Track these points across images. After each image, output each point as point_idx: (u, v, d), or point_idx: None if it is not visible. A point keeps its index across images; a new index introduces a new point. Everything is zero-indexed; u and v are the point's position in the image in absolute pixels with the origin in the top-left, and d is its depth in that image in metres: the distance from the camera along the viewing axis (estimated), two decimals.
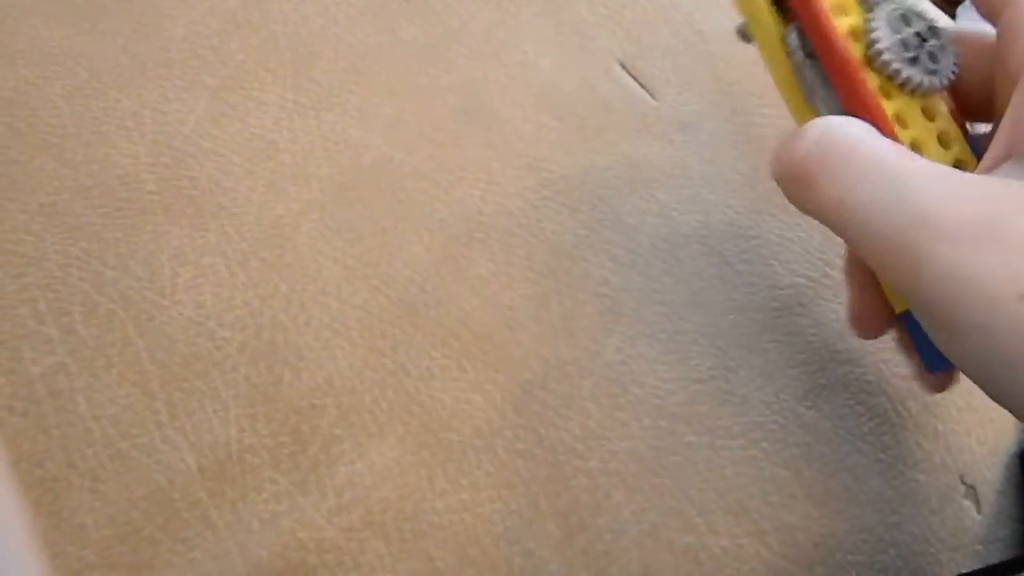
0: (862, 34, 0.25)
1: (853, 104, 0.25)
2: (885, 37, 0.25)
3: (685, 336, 0.32)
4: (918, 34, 0.25)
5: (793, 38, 0.26)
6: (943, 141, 0.25)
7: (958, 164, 0.25)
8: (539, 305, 0.31)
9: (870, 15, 0.26)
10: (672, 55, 0.38)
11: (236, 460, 0.27)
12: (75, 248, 0.30)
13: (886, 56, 0.25)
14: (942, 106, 0.26)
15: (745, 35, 0.29)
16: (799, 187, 0.22)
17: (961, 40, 0.26)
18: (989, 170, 0.22)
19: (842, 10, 0.26)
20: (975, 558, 0.30)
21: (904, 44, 0.25)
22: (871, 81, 0.25)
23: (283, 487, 0.27)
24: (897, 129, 0.25)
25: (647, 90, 0.37)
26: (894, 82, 0.25)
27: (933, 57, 0.26)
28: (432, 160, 0.33)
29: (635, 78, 0.37)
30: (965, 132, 0.26)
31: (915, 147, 0.25)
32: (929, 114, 0.26)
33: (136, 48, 0.34)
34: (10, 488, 0.18)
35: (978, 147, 0.26)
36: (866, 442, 0.31)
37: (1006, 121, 0.22)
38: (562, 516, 0.28)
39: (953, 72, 0.26)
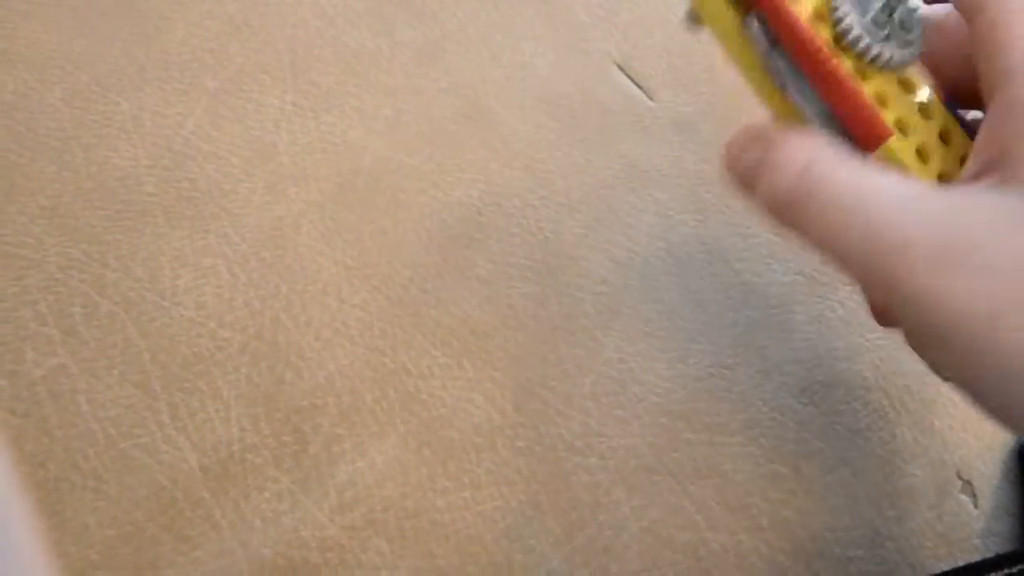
0: (826, 16, 0.24)
1: (830, 90, 0.24)
2: (853, 17, 0.24)
3: (683, 334, 0.32)
4: (885, 6, 0.24)
5: (755, 28, 0.25)
6: (924, 113, 0.25)
7: (944, 133, 0.25)
8: (538, 304, 0.31)
9: None
10: (668, 56, 0.38)
11: (238, 459, 0.27)
12: (76, 250, 0.30)
13: (857, 37, 0.24)
14: (916, 74, 0.25)
15: (694, 21, 0.27)
16: (779, 214, 0.23)
17: (935, 28, 0.26)
18: (970, 180, 0.22)
19: None
20: (973, 552, 0.30)
21: (875, 22, 0.24)
22: (844, 64, 0.24)
23: (285, 486, 0.27)
24: (880, 110, 0.24)
25: (644, 91, 0.37)
26: (867, 61, 0.24)
27: (905, 27, 0.24)
28: (431, 161, 0.34)
29: (632, 79, 0.37)
30: (941, 96, 0.26)
31: (900, 126, 0.24)
32: (907, 87, 0.25)
33: (135, 51, 0.34)
34: (16, 490, 0.18)
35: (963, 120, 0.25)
36: (863, 438, 0.31)
37: (981, 136, 0.22)
38: (562, 513, 0.28)
39: (921, 37, 0.25)
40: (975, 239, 0.19)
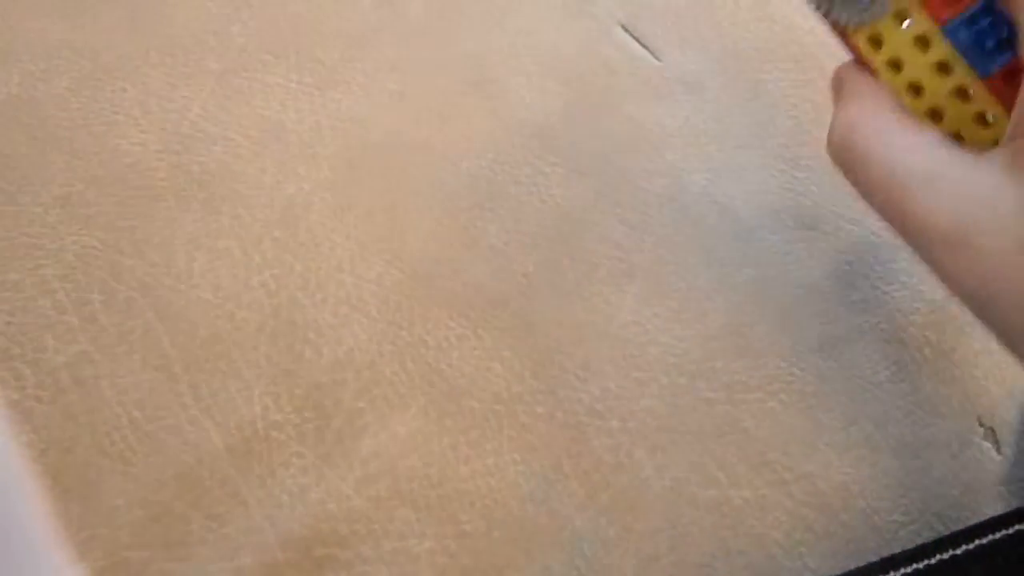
0: None
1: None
2: None
3: (699, 293, 0.32)
4: None
5: None
6: (943, 70, 0.25)
7: (959, 89, 0.25)
8: (552, 271, 0.31)
9: None
10: (673, 14, 0.38)
11: (262, 437, 0.28)
12: (91, 238, 0.30)
13: (815, 4, 0.25)
14: (933, 32, 0.25)
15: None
16: (837, 163, 0.25)
17: None
18: (1006, 141, 0.23)
19: None
20: (998, 499, 0.30)
21: None
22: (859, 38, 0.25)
23: (310, 461, 0.28)
24: (889, 74, 0.25)
25: (650, 51, 0.37)
26: (834, 24, 0.25)
27: None
28: (439, 133, 0.33)
29: (637, 40, 0.37)
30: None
31: (913, 86, 0.25)
32: (923, 45, 0.25)
33: (139, 37, 0.34)
34: (30, 484, 0.18)
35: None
36: (883, 390, 0.31)
37: (1017, 106, 0.23)
38: (585, 475, 0.28)
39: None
40: (981, 225, 0.21)
